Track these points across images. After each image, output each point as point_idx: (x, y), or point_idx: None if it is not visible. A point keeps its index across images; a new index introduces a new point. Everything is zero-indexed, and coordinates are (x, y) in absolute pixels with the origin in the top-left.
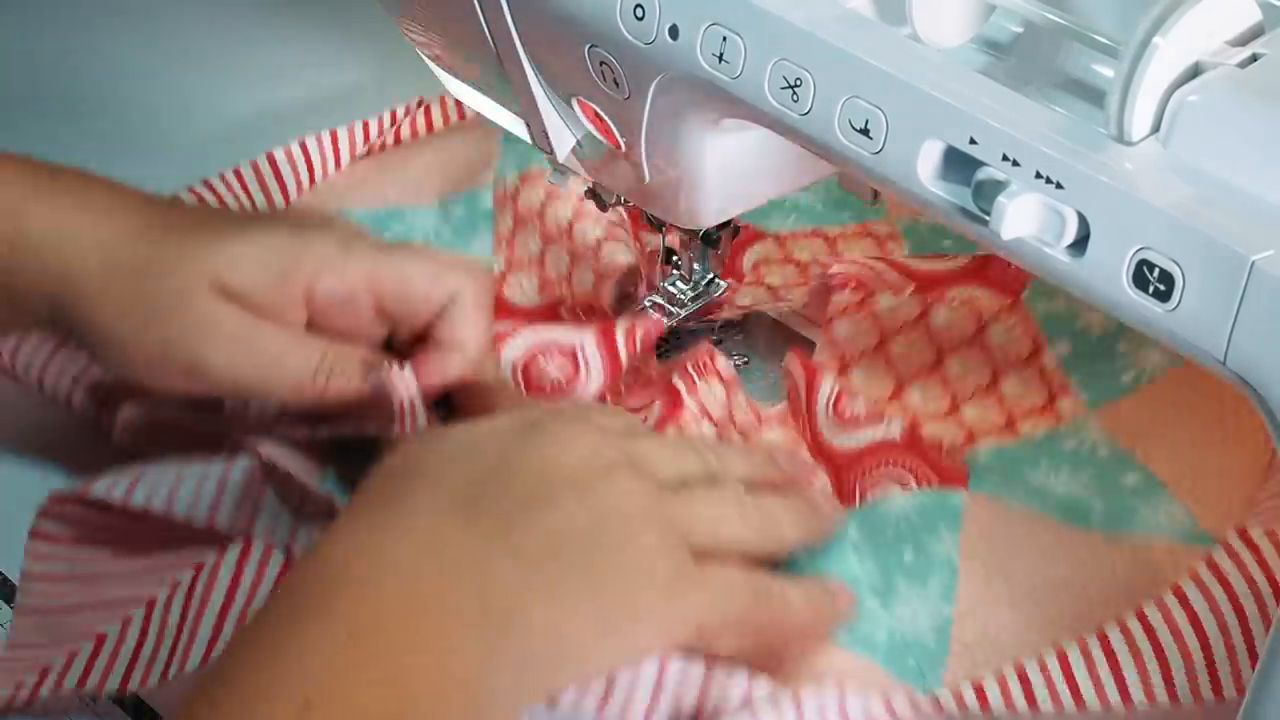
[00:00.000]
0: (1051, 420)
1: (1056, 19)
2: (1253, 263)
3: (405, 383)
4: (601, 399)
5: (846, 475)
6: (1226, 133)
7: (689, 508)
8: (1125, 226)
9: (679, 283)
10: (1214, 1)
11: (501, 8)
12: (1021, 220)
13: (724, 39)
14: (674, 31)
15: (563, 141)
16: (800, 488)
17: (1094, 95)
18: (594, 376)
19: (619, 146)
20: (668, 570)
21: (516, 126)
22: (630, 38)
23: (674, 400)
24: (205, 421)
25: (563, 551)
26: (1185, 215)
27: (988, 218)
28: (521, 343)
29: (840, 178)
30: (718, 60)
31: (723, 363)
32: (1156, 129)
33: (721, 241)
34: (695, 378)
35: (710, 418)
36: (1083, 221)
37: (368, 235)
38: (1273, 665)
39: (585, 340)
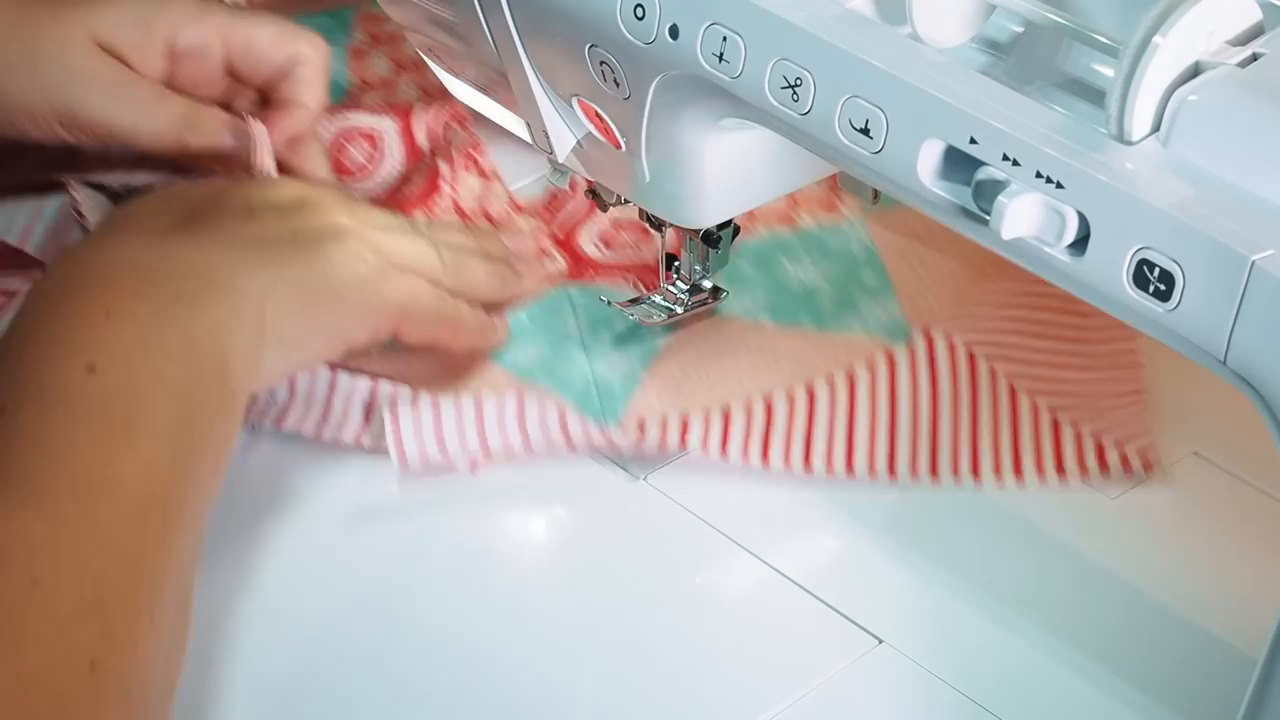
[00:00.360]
0: (832, 216)
1: (1057, 19)
2: (1253, 262)
3: (261, 136)
4: (400, 182)
5: (585, 269)
6: (1227, 132)
7: (390, 238)
8: (1125, 226)
9: (679, 282)
10: (1214, 1)
11: (502, 7)
12: (1022, 220)
13: (724, 39)
14: (674, 31)
15: (563, 141)
16: (516, 258)
17: (1094, 95)
18: (391, 161)
19: (619, 146)
20: (368, 269)
21: (517, 126)
22: (630, 37)
23: (431, 186)
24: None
25: (271, 247)
26: (1185, 215)
27: (988, 217)
28: (330, 127)
29: (840, 177)
30: (718, 60)
31: (486, 159)
32: (1157, 129)
33: (721, 241)
34: (457, 170)
35: (460, 210)
36: (1083, 221)
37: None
38: (1274, 666)
39: (386, 127)
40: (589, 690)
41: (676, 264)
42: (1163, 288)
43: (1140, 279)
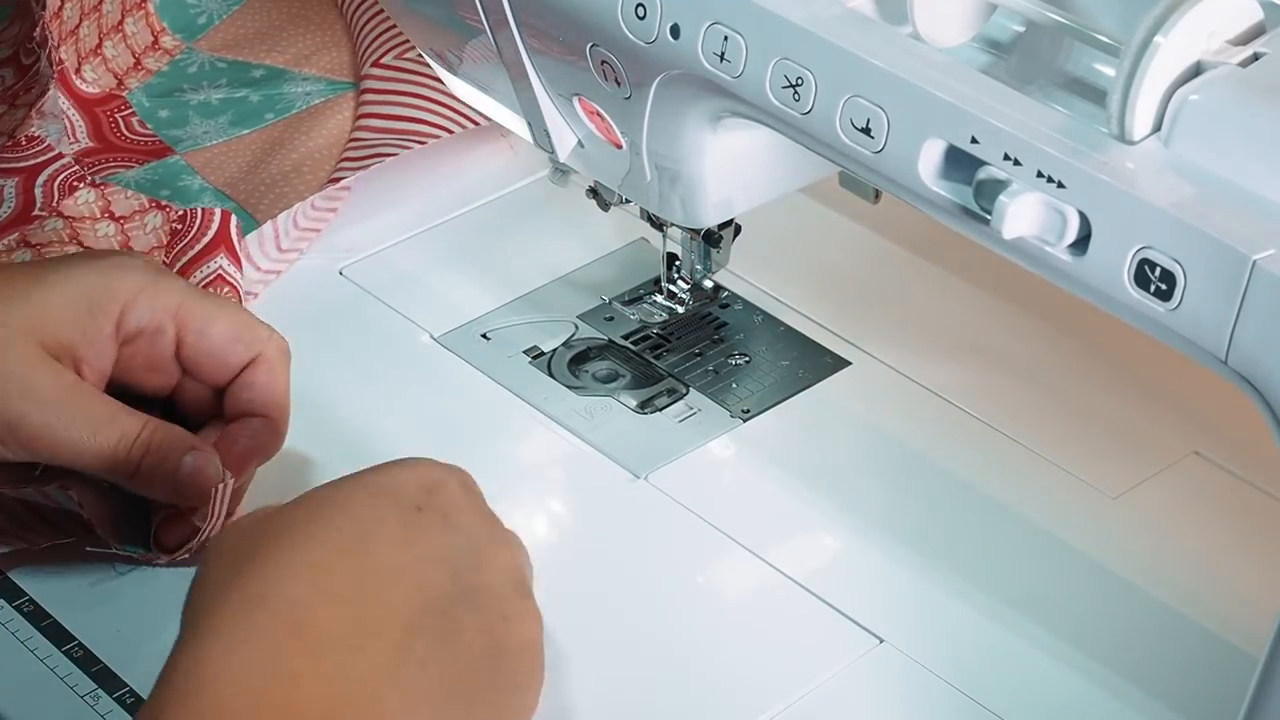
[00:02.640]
0: (165, 55)
1: (1058, 18)
2: (1254, 262)
3: (219, 470)
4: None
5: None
6: (1228, 132)
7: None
8: (1127, 225)
9: (680, 282)
10: (1215, 1)
11: (503, 7)
12: (1023, 219)
13: (725, 38)
14: (675, 31)
15: (564, 141)
16: None
17: (1095, 94)
18: (6, 206)
19: (620, 146)
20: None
21: (518, 126)
22: (631, 37)
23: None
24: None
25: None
26: (1186, 214)
27: (989, 217)
28: None
29: (841, 177)
30: (719, 59)
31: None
32: (1158, 128)
33: (722, 241)
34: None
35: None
36: (1084, 221)
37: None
38: (1274, 665)
39: (5, 183)
40: (589, 689)
41: (677, 264)
42: (1164, 287)
43: (1141, 278)
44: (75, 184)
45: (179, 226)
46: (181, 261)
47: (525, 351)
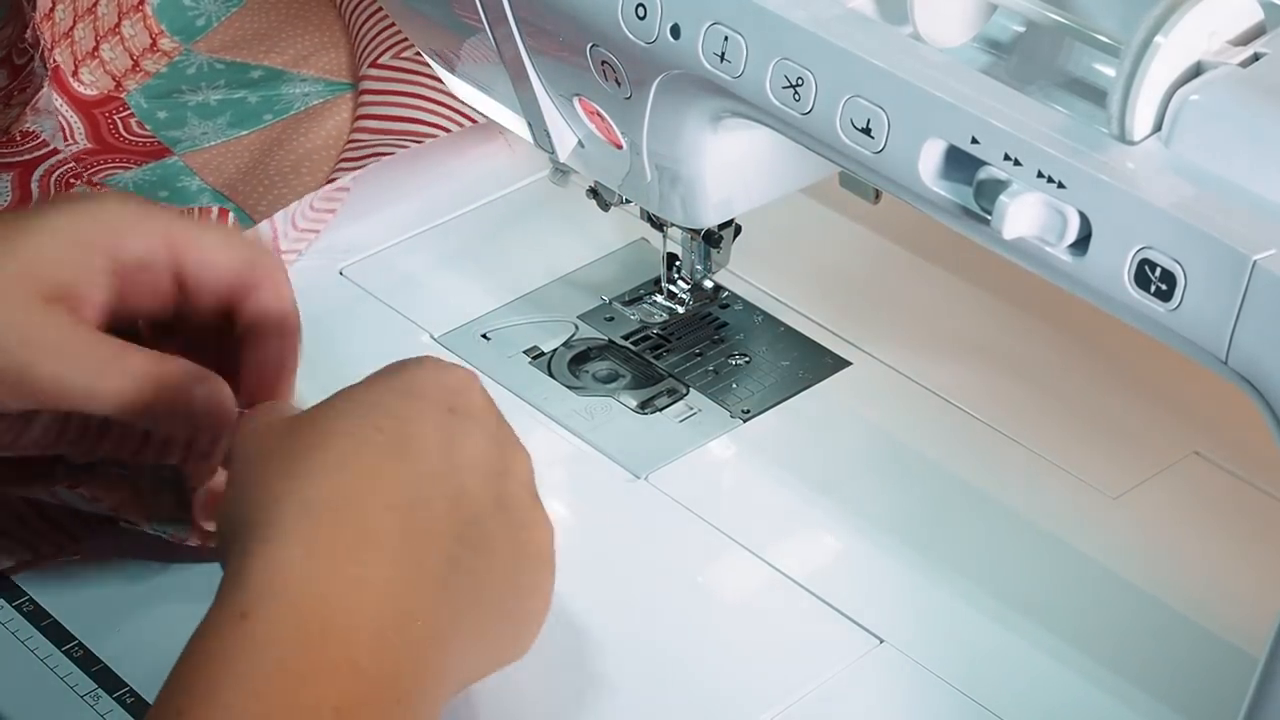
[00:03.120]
0: (164, 57)
1: (1058, 18)
2: (1254, 262)
3: (232, 398)
4: None
5: None
6: (1228, 132)
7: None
8: (1127, 226)
9: (680, 282)
10: (1215, 1)
11: (503, 7)
12: (1023, 220)
13: (725, 38)
14: (675, 31)
15: (564, 141)
16: None
17: (1096, 95)
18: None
19: (620, 146)
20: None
21: (518, 126)
22: (632, 37)
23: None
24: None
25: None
26: (1187, 215)
27: (989, 217)
28: None
29: (841, 177)
30: (719, 59)
31: None
32: (1158, 128)
33: (722, 241)
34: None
35: None
36: (1084, 221)
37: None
38: (1274, 665)
39: (1, 177)
40: (589, 689)
41: (677, 264)
42: (1164, 287)
43: (1142, 279)
44: (72, 180)
45: None
46: None
47: (525, 351)
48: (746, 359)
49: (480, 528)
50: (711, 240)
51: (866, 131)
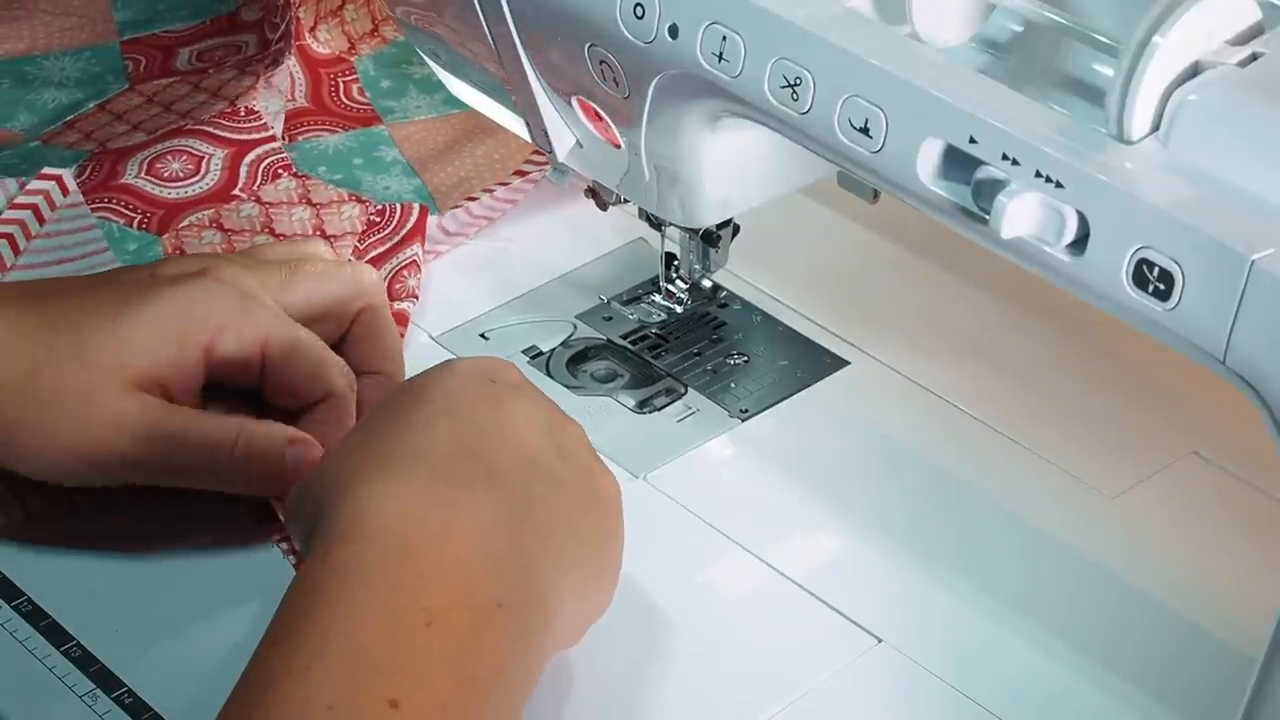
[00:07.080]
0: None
1: (1056, 18)
2: (1252, 262)
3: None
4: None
5: None
6: (1226, 132)
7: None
8: (1125, 226)
9: (679, 281)
10: (1214, 1)
11: (502, 7)
12: (1021, 219)
13: (724, 38)
14: (674, 30)
15: (563, 141)
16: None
17: (1094, 94)
18: (210, 177)
19: (618, 146)
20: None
21: (517, 126)
22: (630, 37)
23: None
24: None
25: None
26: (1185, 214)
27: (987, 217)
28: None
29: (840, 177)
30: (717, 59)
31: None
32: (1156, 128)
33: (721, 240)
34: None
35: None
36: (1082, 221)
37: (270, 262)
38: (1273, 666)
39: (215, 153)
40: (588, 689)
41: (675, 263)
42: (1162, 287)
43: (1140, 278)
44: (279, 171)
45: (377, 219)
46: (376, 251)
47: (524, 351)
48: (745, 359)
49: (548, 470)
50: (710, 240)
51: (865, 131)
